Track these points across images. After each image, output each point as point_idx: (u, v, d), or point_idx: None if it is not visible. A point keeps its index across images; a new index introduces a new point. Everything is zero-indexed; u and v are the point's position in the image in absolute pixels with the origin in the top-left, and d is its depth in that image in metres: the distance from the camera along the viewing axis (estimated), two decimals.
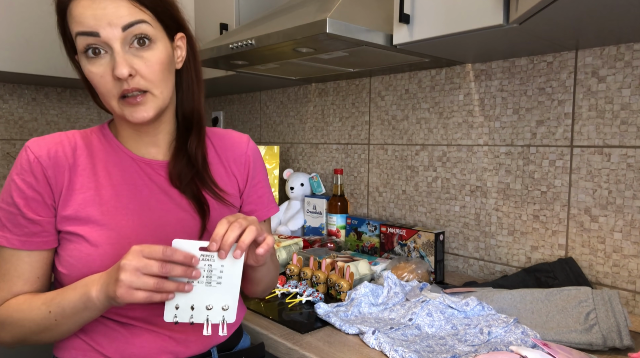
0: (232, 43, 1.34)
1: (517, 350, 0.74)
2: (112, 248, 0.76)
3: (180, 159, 0.83)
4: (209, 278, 0.71)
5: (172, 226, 0.81)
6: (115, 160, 0.81)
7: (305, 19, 1.15)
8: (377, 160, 1.72)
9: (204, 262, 0.70)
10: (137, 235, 0.78)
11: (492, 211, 1.39)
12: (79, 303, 0.71)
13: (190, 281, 0.69)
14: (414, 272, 1.26)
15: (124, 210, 0.79)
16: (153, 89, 0.74)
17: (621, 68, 1.13)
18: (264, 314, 1.08)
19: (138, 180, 0.81)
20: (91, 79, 0.74)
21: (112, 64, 0.71)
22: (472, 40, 1.12)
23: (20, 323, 0.75)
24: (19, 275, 0.77)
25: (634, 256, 1.13)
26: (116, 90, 0.73)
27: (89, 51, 0.72)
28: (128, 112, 0.74)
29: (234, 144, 0.93)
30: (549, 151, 1.26)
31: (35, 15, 1.74)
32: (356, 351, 0.90)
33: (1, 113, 2.04)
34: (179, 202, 0.83)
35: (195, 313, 0.71)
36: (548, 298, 1.01)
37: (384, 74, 1.67)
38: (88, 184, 0.78)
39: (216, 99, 2.55)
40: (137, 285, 0.65)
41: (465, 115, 1.44)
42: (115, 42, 0.71)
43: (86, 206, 0.77)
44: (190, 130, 0.85)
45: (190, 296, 0.70)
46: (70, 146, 0.79)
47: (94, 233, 0.76)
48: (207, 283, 0.71)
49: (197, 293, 0.71)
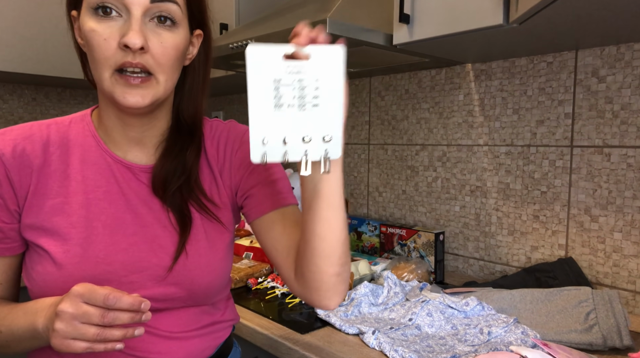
0: (232, 43, 1.34)
1: (517, 350, 0.74)
2: (77, 268, 0.66)
3: (168, 164, 0.72)
4: (302, 98, 0.53)
5: (147, 244, 0.71)
6: (92, 160, 0.72)
7: (305, 19, 1.15)
8: (377, 160, 1.72)
9: (293, 76, 0.53)
10: (106, 254, 0.68)
11: (492, 211, 1.39)
12: (27, 332, 0.64)
13: (280, 105, 0.53)
14: (414, 272, 1.26)
15: (95, 222, 0.69)
16: (159, 74, 0.65)
17: (621, 68, 1.13)
18: (264, 314, 1.08)
19: (114, 187, 0.71)
20: (90, 39, 0.63)
21: (122, 30, 0.62)
22: (472, 40, 1.12)
23: None
24: None
25: (634, 256, 1.13)
26: (115, 59, 0.63)
27: (100, 9, 0.62)
28: (120, 91, 0.64)
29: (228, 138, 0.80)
30: (549, 151, 1.26)
31: (35, 15, 1.74)
32: (356, 351, 0.90)
33: (1, 113, 2.04)
34: (157, 215, 0.72)
35: (289, 149, 0.55)
36: (548, 298, 1.01)
37: (384, 74, 1.67)
38: (57, 190, 0.69)
39: (216, 99, 2.55)
40: (74, 336, 0.56)
41: (465, 115, 1.44)
42: (137, 7, 0.62)
43: (53, 215, 0.68)
44: (187, 136, 0.75)
45: (281, 127, 0.54)
46: (42, 142, 0.70)
47: (58, 250, 0.67)
48: (301, 105, 0.54)
49: (289, 120, 0.54)
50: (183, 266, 0.71)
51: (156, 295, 0.70)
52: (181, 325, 0.73)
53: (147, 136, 0.74)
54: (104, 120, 0.73)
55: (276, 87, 0.53)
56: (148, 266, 0.70)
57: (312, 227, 0.65)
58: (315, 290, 0.69)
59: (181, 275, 0.71)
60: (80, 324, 0.56)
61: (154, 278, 0.70)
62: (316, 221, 0.64)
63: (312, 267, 0.67)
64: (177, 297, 0.72)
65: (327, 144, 0.56)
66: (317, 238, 0.65)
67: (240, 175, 0.77)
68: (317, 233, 0.65)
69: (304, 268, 0.69)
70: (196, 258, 0.72)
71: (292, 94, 0.53)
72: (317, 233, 0.65)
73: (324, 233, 0.65)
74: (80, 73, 0.77)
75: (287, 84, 0.53)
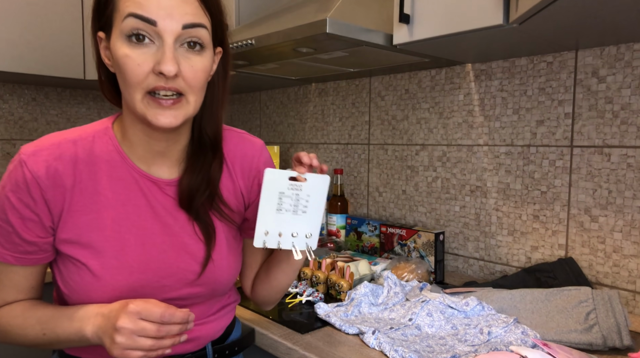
0: (232, 43, 1.34)
1: (517, 350, 0.74)
2: (114, 278, 0.73)
3: (193, 180, 0.77)
4: (296, 206, 0.74)
5: (176, 252, 0.77)
6: (119, 176, 0.75)
7: (305, 19, 1.15)
8: (377, 160, 1.72)
9: (293, 191, 0.73)
10: (139, 263, 0.75)
11: (492, 211, 1.39)
12: (74, 336, 0.71)
13: (280, 209, 0.74)
14: (414, 272, 1.26)
15: (127, 235, 0.74)
16: (189, 95, 0.69)
17: (621, 68, 1.13)
18: (264, 314, 1.08)
19: (142, 200, 0.76)
20: (123, 64, 0.66)
21: (156, 57, 0.66)
22: (472, 41, 1.12)
23: (12, 336, 0.75)
24: (12, 286, 0.75)
25: (634, 256, 1.13)
26: (148, 83, 0.66)
27: (133, 37, 0.65)
28: (152, 113, 0.68)
29: (246, 154, 0.86)
30: (549, 151, 1.26)
31: (35, 16, 1.74)
32: (356, 351, 0.90)
33: (1, 113, 2.04)
34: (182, 225, 0.78)
35: (282, 240, 0.75)
36: (548, 298, 1.01)
37: (384, 74, 1.67)
38: (90, 206, 0.73)
39: None
40: (133, 347, 0.66)
41: (465, 115, 1.44)
42: (169, 36, 0.65)
43: (88, 230, 0.73)
44: (209, 150, 0.79)
45: (279, 224, 0.74)
46: (71, 161, 0.73)
47: (95, 263, 0.72)
48: (294, 211, 0.74)
49: (285, 221, 0.74)
50: (209, 270, 0.80)
51: (184, 295, 0.79)
52: (200, 314, 0.82)
53: (170, 150, 0.78)
54: (129, 135, 0.76)
55: (280, 197, 0.73)
56: (177, 271, 0.77)
57: (275, 276, 0.88)
58: (262, 303, 0.94)
59: (207, 277, 0.80)
60: (138, 337, 0.66)
61: (183, 281, 0.78)
62: (280, 275, 0.87)
63: (266, 293, 0.91)
64: (201, 295, 0.81)
65: (308, 240, 0.76)
66: (276, 282, 0.88)
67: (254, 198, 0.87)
68: (279, 280, 0.88)
69: (261, 289, 0.91)
70: (220, 262, 0.81)
71: (289, 203, 0.73)
72: (279, 280, 0.88)
73: (283, 282, 0.88)
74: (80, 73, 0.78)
75: (288, 196, 0.73)
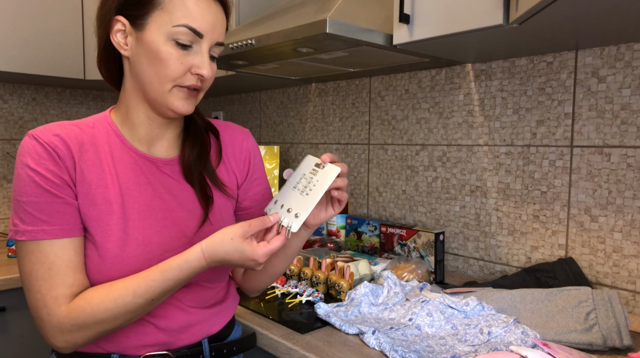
0: (232, 43, 1.34)
1: (517, 350, 0.74)
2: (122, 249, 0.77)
3: (191, 154, 0.87)
4: (305, 187, 0.80)
5: (176, 226, 0.83)
6: (119, 156, 0.81)
7: (305, 19, 1.15)
8: (377, 160, 1.72)
9: (310, 175, 0.81)
10: (143, 237, 0.79)
11: (492, 211, 1.39)
12: (188, 271, 0.75)
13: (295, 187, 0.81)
14: (414, 272, 1.26)
15: (130, 210, 0.79)
16: (202, 91, 0.83)
17: (621, 68, 1.13)
18: (264, 314, 1.08)
19: (142, 178, 0.82)
20: (165, 59, 0.75)
21: (194, 60, 0.77)
22: (472, 41, 1.12)
23: (112, 318, 0.73)
24: (67, 264, 0.74)
25: (634, 256, 1.13)
26: (182, 80, 0.77)
27: (180, 43, 0.76)
28: (178, 100, 0.79)
29: (235, 140, 0.94)
30: (549, 151, 1.26)
31: (35, 15, 1.74)
32: (356, 351, 0.90)
33: (1, 113, 2.04)
34: (180, 201, 0.84)
35: (281, 211, 0.80)
36: (548, 298, 1.01)
37: (384, 74, 1.67)
38: (97, 181, 0.78)
39: (216, 99, 2.55)
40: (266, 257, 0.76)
41: (465, 115, 1.44)
42: (206, 46, 0.78)
43: (98, 203, 0.77)
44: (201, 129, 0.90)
45: (287, 199, 0.81)
46: (77, 140, 0.78)
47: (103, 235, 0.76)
48: (302, 192, 0.80)
49: (292, 197, 0.80)
50: (206, 230, 0.84)
51: None
52: (199, 301, 0.86)
53: (168, 131, 0.86)
54: (131, 117, 0.83)
55: (301, 178, 0.82)
56: (179, 245, 0.82)
57: (271, 262, 0.90)
58: (250, 290, 0.98)
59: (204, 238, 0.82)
60: (267, 255, 0.76)
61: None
62: (276, 261, 0.91)
63: (259, 280, 0.95)
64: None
65: (294, 219, 0.78)
66: (270, 267, 0.92)
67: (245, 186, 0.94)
68: (273, 264, 0.91)
69: (253, 276, 0.95)
70: (216, 224, 0.86)
71: (304, 183, 0.81)
72: (272, 264, 0.91)
73: (277, 267, 0.92)
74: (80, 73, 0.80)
75: (306, 178, 0.81)
